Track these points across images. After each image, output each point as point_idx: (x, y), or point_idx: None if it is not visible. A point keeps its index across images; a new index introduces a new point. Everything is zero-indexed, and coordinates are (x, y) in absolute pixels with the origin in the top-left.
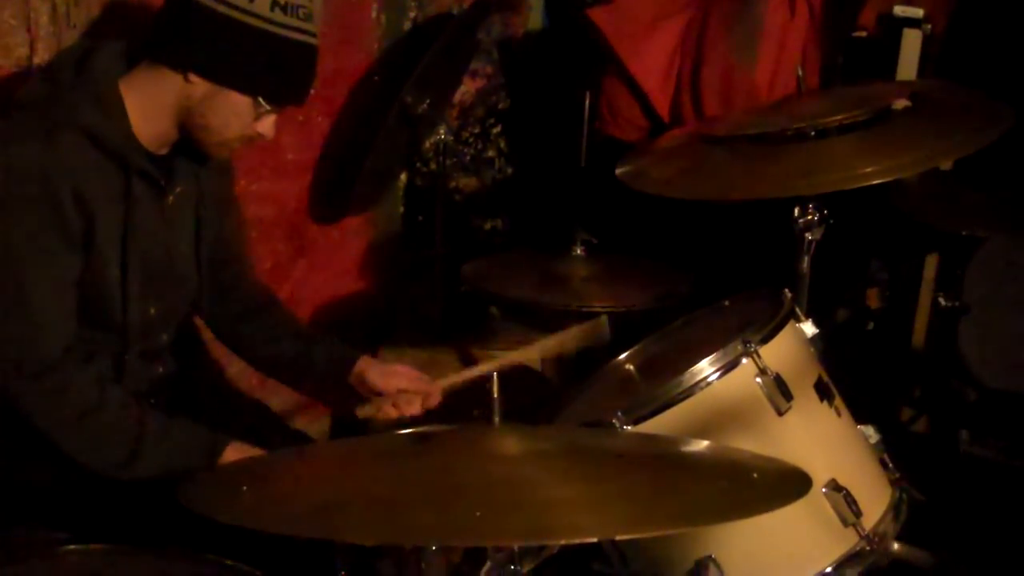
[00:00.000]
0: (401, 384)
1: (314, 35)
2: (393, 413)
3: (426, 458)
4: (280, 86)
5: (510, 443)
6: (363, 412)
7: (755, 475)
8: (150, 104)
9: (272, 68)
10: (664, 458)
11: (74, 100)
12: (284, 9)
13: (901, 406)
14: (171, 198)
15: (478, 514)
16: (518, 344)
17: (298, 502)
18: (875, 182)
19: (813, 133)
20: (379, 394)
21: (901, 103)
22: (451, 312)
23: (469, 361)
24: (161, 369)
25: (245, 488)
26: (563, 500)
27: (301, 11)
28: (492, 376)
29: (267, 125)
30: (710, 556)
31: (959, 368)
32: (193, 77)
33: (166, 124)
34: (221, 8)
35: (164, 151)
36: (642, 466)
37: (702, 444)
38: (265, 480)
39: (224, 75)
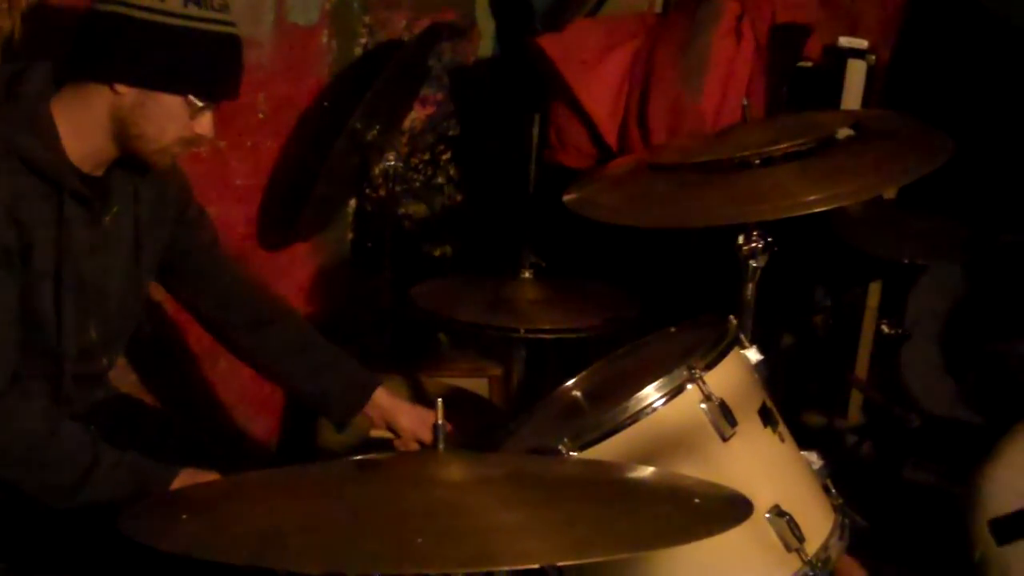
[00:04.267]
0: (426, 435)
1: (233, 24)
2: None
3: (371, 485)
4: (207, 80)
5: (454, 470)
6: (377, 434)
7: (697, 500)
8: (82, 123)
9: (196, 63)
10: (609, 484)
11: (5, 124)
12: (198, 3)
13: (845, 432)
14: (107, 219)
15: (419, 541)
16: (469, 371)
17: (239, 529)
18: (817, 210)
19: (758, 161)
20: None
21: (844, 132)
22: (400, 339)
23: (418, 388)
24: (101, 394)
25: (184, 516)
26: (507, 526)
27: (216, 2)
28: (437, 403)
29: (205, 124)
30: None
31: (902, 394)
32: (120, 87)
33: (101, 141)
34: (135, 13)
35: (100, 171)
36: (587, 492)
37: (647, 470)
38: (207, 507)
39: (149, 79)
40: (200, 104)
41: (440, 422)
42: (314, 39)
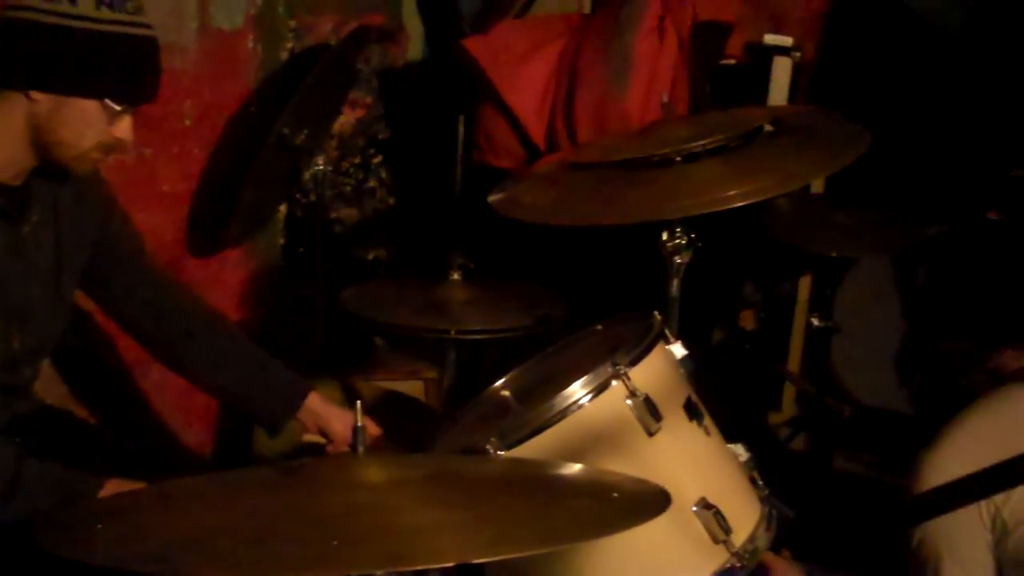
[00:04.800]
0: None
1: (149, 26)
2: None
3: (292, 490)
4: (124, 84)
5: (374, 472)
6: (310, 439)
7: (616, 494)
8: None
9: (111, 67)
10: (530, 481)
11: None
12: (111, 6)
13: (778, 425)
14: (26, 228)
15: (335, 543)
16: (403, 374)
17: (155, 538)
18: (737, 205)
19: (679, 158)
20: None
21: (767, 127)
22: (334, 344)
23: (352, 392)
24: (24, 406)
25: (100, 525)
26: (424, 526)
27: (129, 4)
28: (357, 405)
29: (124, 128)
30: None
31: (833, 386)
32: (35, 94)
33: (19, 150)
34: (46, 18)
35: (19, 180)
36: (507, 490)
37: (569, 466)
38: (125, 516)
39: (64, 84)
40: (118, 108)
41: (360, 424)
42: (239, 44)
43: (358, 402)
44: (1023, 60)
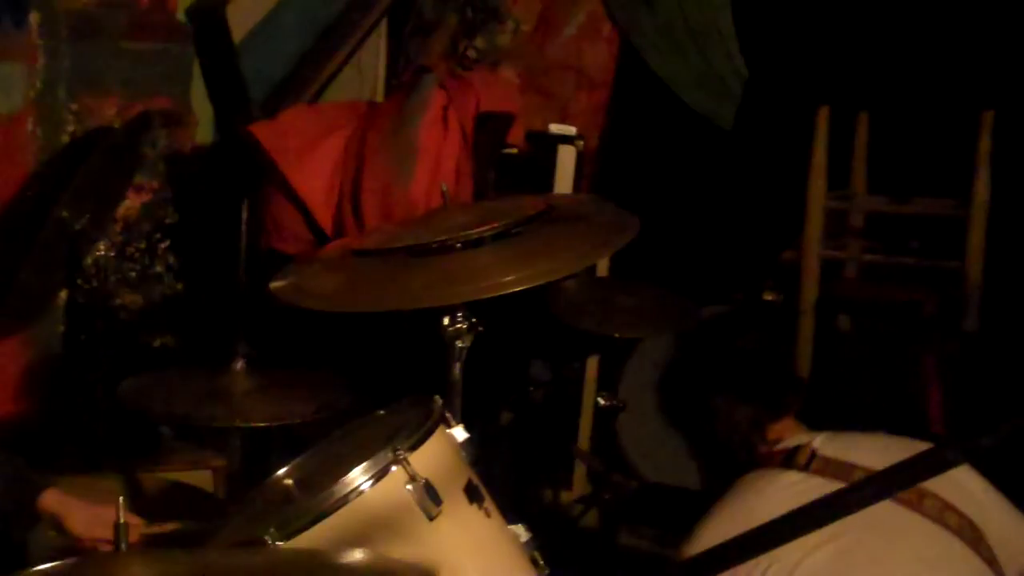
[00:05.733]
0: (105, 533)
1: None
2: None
3: None
4: None
5: (136, 571)
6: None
7: None
8: None
9: None
10: (307, 572)
11: None
12: None
13: (570, 502)
14: None
15: None
16: (190, 463)
17: None
18: (514, 289)
19: (459, 245)
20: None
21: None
22: (118, 434)
23: (135, 485)
24: None
25: None
26: None
27: None
28: (119, 501)
29: None
30: None
31: (621, 462)
32: None
33: None
34: None
35: None
36: None
37: (350, 553)
38: None
39: None
40: None
41: (122, 522)
42: (19, 127)
43: (120, 499)
44: (790, 150)
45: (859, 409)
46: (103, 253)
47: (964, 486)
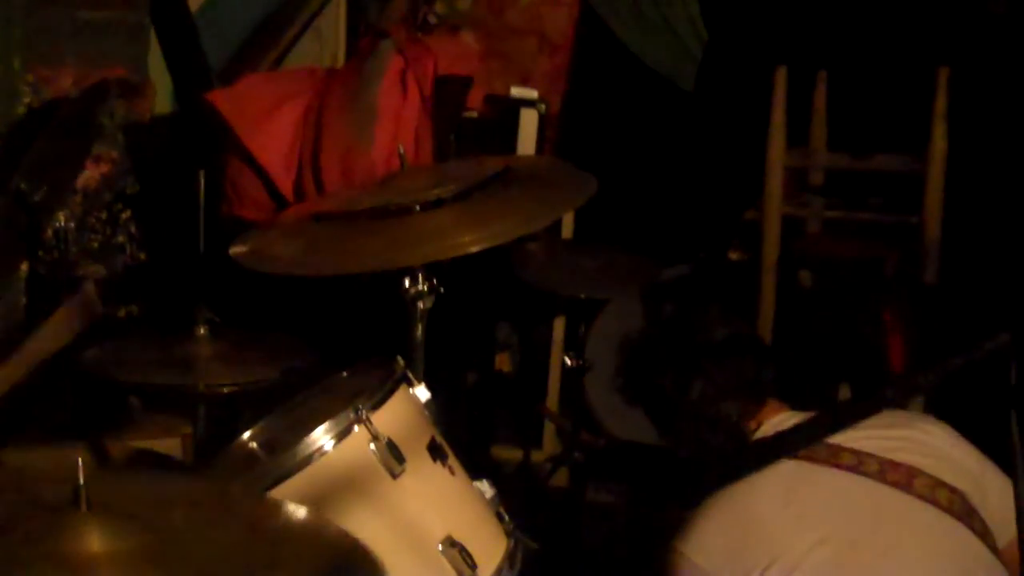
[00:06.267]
0: None
1: None
2: None
3: None
4: None
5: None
6: None
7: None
8: None
9: None
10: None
11: None
12: None
13: (541, 462)
14: None
15: None
16: (159, 432)
17: None
18: (472, 250)
19: (418, 207)
20: None
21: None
22: (86, 405)
23: (103, 454)
24: None
25: None
26: None
27: None
28: (78, 462)
29: None
30: None
31: (589, 421)
32: None
33: None
34: None
35: None
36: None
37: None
38: None
39: None
40: None
41: (82, 483)
42: None
43: (79, 459)
44: (750, 110)
45: (823, 363)
46: (63, 224)
47: (958, 461)
